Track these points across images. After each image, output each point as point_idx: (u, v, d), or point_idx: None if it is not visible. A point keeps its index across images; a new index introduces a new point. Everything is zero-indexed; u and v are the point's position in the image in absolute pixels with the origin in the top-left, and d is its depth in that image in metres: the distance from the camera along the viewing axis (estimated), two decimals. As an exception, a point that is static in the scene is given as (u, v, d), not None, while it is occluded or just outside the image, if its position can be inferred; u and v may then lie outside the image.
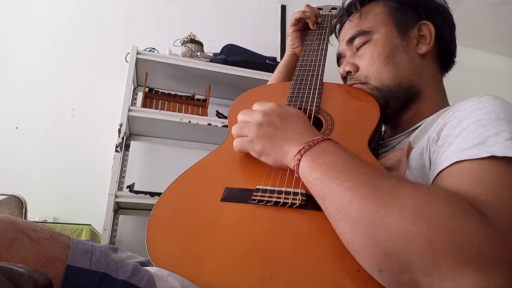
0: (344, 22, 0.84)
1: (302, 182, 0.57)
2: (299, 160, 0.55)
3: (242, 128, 0.64)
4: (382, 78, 0.74)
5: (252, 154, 0.63)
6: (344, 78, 0.82)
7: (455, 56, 0.81)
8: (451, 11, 0.80)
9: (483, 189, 0.46)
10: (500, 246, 0.41)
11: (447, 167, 0.52)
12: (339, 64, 0.85)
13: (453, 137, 0.55)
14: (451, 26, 0.80)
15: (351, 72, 0.78)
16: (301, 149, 0.55)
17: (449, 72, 0.83)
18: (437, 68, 0.78)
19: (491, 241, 0.41)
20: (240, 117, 0.66)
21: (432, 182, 0.54)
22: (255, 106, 0.65)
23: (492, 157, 0.48)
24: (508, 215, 0.44)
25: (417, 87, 0.74)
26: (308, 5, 0.97)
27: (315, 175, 0.52)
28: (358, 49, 0.78)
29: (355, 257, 0.46)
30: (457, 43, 0.81)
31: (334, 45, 0.90)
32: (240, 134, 0.65)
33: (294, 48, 1.00)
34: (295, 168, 0.56)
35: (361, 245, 0.45)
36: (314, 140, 0.56)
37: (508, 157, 0.48)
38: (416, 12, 0.77)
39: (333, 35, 0.96)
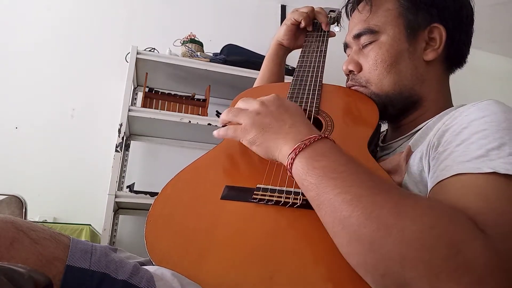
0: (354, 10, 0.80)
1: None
2: (293, 159, 0.53)
3: (238, 114, 0.62)
4: (383, 85, 0.73)
5: (244, 142, 0.61)
6: (347, 75, 0.81)
7: (467, 57, 0.78)
8: (472, 4, 0.75)
9: (486, 206, 0.45)
10: (500, 270, 0.40)
11: (448, 178, 0.50)
12: (345, 52, 0.83)
13: (454, 146, 0.54)
14: (467, 27, 0.76)
15: (354, 72, 0.77)
16: (296, 148, 0.53)
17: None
18: (443, 71, 0.76)
19: (493, 264, 0.40)
20: (239, 103, 0.64)
21: (431, 190, 0.53)
22: (256, 99, 0.63)
23: (494, 173, 0.47)
24: (510, 236, 0.43)
25: (418, 95, 0.73)
26: (310, 8, 0.95)
27: (310, 180, 0.50)
28: (364, 46, 0.76)
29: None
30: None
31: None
32: (234, 120, 0.62)
33: (282, 40, 0.97)
34: (288, 167, 0.54)
35: (357, 261, 0.45)
36: (310, 138, 0.54)
37: (510, 174, 0.47)
38: (429, 13, 0.73)
39: (333, 30, 0.95)
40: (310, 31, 0.94)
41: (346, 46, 0.83)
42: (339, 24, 0.97)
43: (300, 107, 0.63)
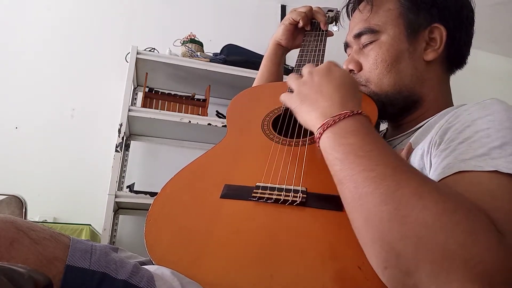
0: (355, 10, 0.81)
1: (303, 178, 0.57)
2: (321, 134, 0.54)
3: (293, 81, 0.65)
4: (382, 84, 0.73)
5: (292, 109, 0.64)
6: None
7: (467, 58, 0.78)
8: (473, 5, 0.75)
9: (491, 204, 0.45)
10: (509, 264, 0.40)
11: (450, 175, 0.50)
12: (346, 51, 0.84)
13: (457, 144, 0.54)
14: (468, 27, 0.76)
15: (354, 71, 0.77)
16: (325, 123, 0.54)
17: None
18: (443, 71, 0.76)
19: (502, 258, 0.40)
20: (303, 69, 0.66)
21: None
22: (307, 66, 0.66)
23: (496, 172, 0.47)
24: None
25: (417, 95, 0.73)
26: (309, 7, 0.95)
27: (336, 155, 0.51)
28: (364, 46, 0.76)
29: (362, 247, 0.46)
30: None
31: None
32: (290, 86, 0.66)
33: (280, 40, 0.97)
34: (316, 140, 0.56)
35: (372, 239, 0.44)
36: (340, 114, 0.54)
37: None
38: (430, 13, 0.73)
39: (332, 29, 0.95)
40: (308, 30, 0.94)
41: (346, 45, 0.83)
42: (337, 24, 0.97)
43: (348, 75, 0.63)
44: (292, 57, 1.03)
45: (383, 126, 0.81)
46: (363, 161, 0.48)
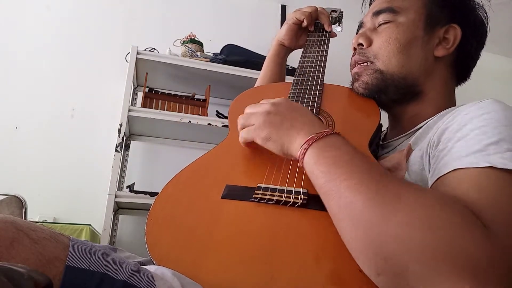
0: None
1: (304, 180, 0.57)
2: (306, 149, 0.55)
3: (249, 118, 0.64)
4: (390, 63, 0.72)
5: (258, 141, 0.62)
6: (354, 49, 0.79)
7: (470, 72, 0.79)
8: (488, 29, 0.77)
9: (484, 198, 0.46)
10: (498, 258, 0.41)
11: (446, 173, 0.51)
12: (357, 32, 0.83)
13: (453, 142, 0.54)
14: (480, 43, 0.77)
15: (363, 45, 0.77)
16: (310, 138, 0.55)
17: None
18: (449, 75, 0.76)
19: (490, 252, 0.40)
20: (248, 109, 0.65)
21: (431, 186, 0.54)
22: (263, 101, 0.65)
23: (491, 167, 0.48)
24: (508, 227, 0.44)
25: (421, 86, 0.73)
26: (314, 8, 0.95)
27: (321, 168, 0.52)
28: (379, 25, 0.76)
29: (354, 258, 0.46)
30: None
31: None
32: (246, 124, 0.64)
33: (283, 40, 0.97)
34: (300, 157, 0.55)
35: (361, 246, 0.45)
36: (324, 132, 0.56)
37: (507, 169, 0.47)
38: (452, 13, 0.74)
39: (335, 30, 0.95)
40: (311, 31, 0.94)
41: (360, 26, 0.83)
42: (340, 25, 0.97)
43: (307, 108, 0.65)
44: (292, 57, 1.03)
45: (384, 127, 0.81)
46: (344, 171, 0.50)
